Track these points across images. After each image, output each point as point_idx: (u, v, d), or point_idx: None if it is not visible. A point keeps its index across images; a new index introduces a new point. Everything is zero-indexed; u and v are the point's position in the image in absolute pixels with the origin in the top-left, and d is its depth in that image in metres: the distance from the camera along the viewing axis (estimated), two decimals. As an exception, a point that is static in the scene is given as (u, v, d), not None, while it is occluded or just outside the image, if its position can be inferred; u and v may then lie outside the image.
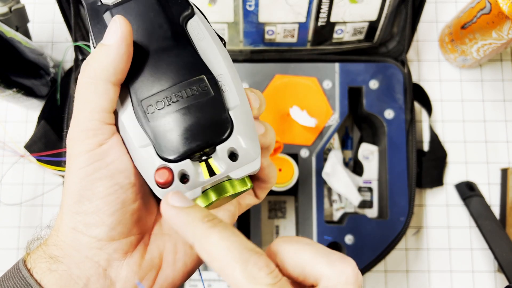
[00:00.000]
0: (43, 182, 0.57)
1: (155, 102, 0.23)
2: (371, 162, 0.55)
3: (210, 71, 0.24)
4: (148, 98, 0.23)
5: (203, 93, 0.23)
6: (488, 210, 0.54)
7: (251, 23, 0.51)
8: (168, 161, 0.22)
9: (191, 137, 0.22)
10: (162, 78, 0.23)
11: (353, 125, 0.60)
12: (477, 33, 0.51)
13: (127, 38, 0.22)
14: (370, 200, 0.55)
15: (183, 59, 0.24)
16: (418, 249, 0.56)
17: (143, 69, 0.24)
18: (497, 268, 0.55)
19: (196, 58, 0.24)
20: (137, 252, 0.24)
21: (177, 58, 0.24)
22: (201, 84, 0.23)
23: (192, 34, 0.25)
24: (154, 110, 0.23)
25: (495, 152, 0.57)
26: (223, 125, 0.23)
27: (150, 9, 0.24)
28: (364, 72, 0.53)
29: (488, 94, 0.59)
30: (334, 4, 0.49)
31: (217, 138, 0.23)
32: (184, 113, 0.23)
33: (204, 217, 0.20)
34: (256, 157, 0.24)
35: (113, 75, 0.22)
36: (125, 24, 0.22)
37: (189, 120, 0.23)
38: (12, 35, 0.48)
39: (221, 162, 0.23)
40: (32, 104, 0.55)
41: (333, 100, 0.53)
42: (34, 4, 0.61)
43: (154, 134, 0.23)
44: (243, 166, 0.24)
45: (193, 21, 0.25)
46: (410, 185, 0.52)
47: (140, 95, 0.23)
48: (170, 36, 0.24)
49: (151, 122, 0.23)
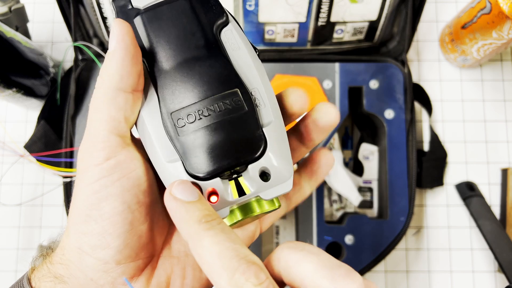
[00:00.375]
0: (43, 182, 0.57)
1: (185, 115, 0.22)
2: (371, 162, 0.55)
3: (244, 84, 0.23)
4: (179, 111, 0.22)
5: (236, 108, 0.22)
6: (489, 210, 0.54)
7: (251, 23, 0.51)
8: (197, 179, 0.21)
9: (222, 154, 0.21)
10: (194, 90, 0.22)
11: (353, 125, 0.60)
12: (478, 33, 0.51)
13: (125, 40, 0.21)
14: (370, 200, 0.55)
15: (216, 71, 0.23)
16: (418, 249, 0.56)
17: (174, 79, 0.22)
18: (497, 268, 0.55)
19: (229, 69, 0.23)
20: (144, 276, 0.23)
21: (210, 69, 0.22)
22: (235, 98, 0.22)
23: (226, 44, 0.24)
24: (185, 124, 0.22)
25: (496, 152, 0.57)
26: (256, 143, 0.22)
27: (183, 15, 0.23)
28: (364, 72, 0.53)
29: (488, 94, 0.59)
30: (334, 4, 0.49)
31: (249, 156, 0.22)
32: (216, 129, 0.21)
33: (202, 217, 0.19)
34: (289, 177, 0.23)
35: (120, 81, 0.21)
36: (122, 25, 0.21)
37: (221, 136, 0.21)
38: (11, 35, 0.48)
39: (252, 181, 0.22)
40: (31, 104, 0.55)
41: (333, 100, 0.53)
42: (33, 4, 0.61)
43: (183, 149, 0.21)
44: (275, 186, 0.22)
45: (227, 29, 0.24)
46: (410, 185, 0.52)
47: (170, 106, 0.22)
48: (203, 45, 0.23)
49: (180, 136, 0.21)
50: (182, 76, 0.22)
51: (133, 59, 0.21)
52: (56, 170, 0.51)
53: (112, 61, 0.21)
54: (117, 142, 0.21)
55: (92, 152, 0.21)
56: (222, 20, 0.24)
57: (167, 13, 0.23)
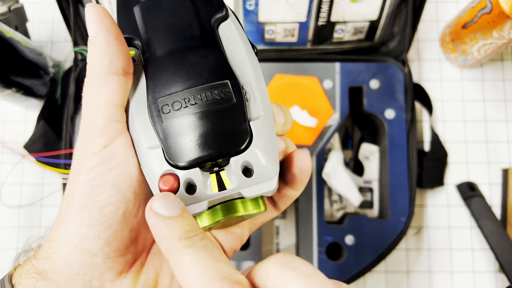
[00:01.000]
0: (43, 182, 0.57)
1: (172, 102, 0.21)
2: (372, 162, 0.55)
3: (235, 76, 0.22)
4: (166, 97, 0.21)
5: (225, 99, 0.21)
6: (489, 211, 0.53)
7: (251, 22, 0.51)
8: (175, 167, 0.20)
9: (204, 144, 0.20)
10: (184, 78, 0.22)
11: (354, 125, 0.59)
12: (478, 33, 0.51)
13: (105, 22, 0.20)
14: (371, 200, 0.55)
15: (208, 61, 0.22)
16: (419, 249, 0.55)
17: (165, 66, 0.22)
18: (498, 268, 0.54)
19: (222, 61, 0.22)
20: (132, 272, 0.22)
21: (202, 59, 0.22)
22: (224, 89, 0.21)
23: (222, 37, 0.23)
24: (169, 111, 0.21)
25: (496, 152, 0.57)
26: (240, 136, 0.21)
27: (183, 6, 0.23)
28: (365, 72, 0.53)
29: (489, 94, 0.58)
30: (334, 4, 0.49)
31: (232, 148, 0.21)
32: (201, 118, 0.21)
33: (182, 234, 0.18)
34: (273, 176, 0.21)
35: (111, 64, 0.20)
36: (97, 8, 0.21)
37: (205, 125, 0.21)
38: (11, 34, 0.48)
39: (234, 176, 0.21)
40: (31, 104, 0.55)
41: (333, 99, 0.53)
42: (33, 4, 0.61)
43: (165, 136, 0.21)
44: (258, 184, 0.21)
45: (225, 24, 0.24)
46: (410, 185, 0.51)
47: (158, 93, 0.21)
48: (199, 36, 0.23)
49: (164, 122, 0.21)
50: (173, 64, 0.22)
51: (117, 40, 0.21)
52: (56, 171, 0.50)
53: (97, 46, 0.20)
54: (115, 128, 0.21)
55: (89, 140, 0.20)
56: (221, 14, 0.24)
57: (167, 3, 0.23)
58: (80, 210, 0.20)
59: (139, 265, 0.23)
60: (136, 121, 0.21)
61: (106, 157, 0.20)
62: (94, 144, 0.20)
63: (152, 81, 0.22)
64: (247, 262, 0.50)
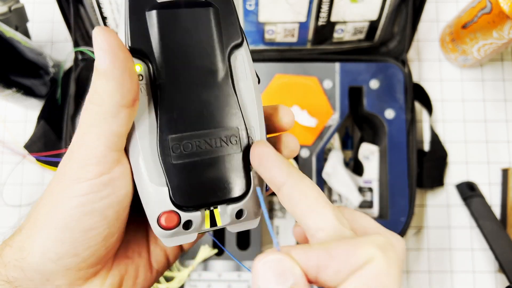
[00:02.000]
0: (43, 182, 0.57)
1: (183, 142, 0.21)
2: (372, 162, 0.55)
3: (245, 123, 0.23)
4: (177, 136, 0.21)
5: (233, 147, 0.22)
6: (489, 210, 0.53)
7: (251, 22, 0.51)
8: (178, 207, 0.21)
9: (208, 191, 0.22)
10: (197, 119, 0.22)
11: (354, 125, 0.59)
12: (478, 33, 0.51)
13: (120, 56, 0.19)
14: (371, 200, 0.55)
15: (221, 102, 0.22)
16: (419, 249, 0.56)
17: (180, 101, 0.22)
18: (497, 268, 0.54)
19: (234, 104, 0.22)
20: (99, 278, 0.23)
21: (216, 99, 0.22)
22: (234, 137, 0.22)
23: (234, 70, 0.23)
24: (180, 151, 0.21)
25: (496, 152, 0.57)
26: (244, 185, 0.22)
27: (202, 27, 0.22)
28: (365, 72, 0.53)
29: (489, 94, 0.58)
30: (334, 4, 0.49)
31: (233, 197, 0.22)
32: (210, 164, 0.22)
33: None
34: (258, 216, 0.24)
35: (122, 99, 0.20)
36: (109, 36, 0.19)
37: (213, 172, 0.22)
38: (11, 34, 0.48)
39: (226, 217, 0.22)
40: (31, 103, 0.55)
41: (333, 100, 0.53)
42: (33, 4, 0.61)
43: (173, 177, 0.21)
44: (244, 222, 0.23)
45: (239, 53, 0.23)
46: (410, 185, 0.51)
47: (169, 129, 0.21)
48: (215, 70, 0.22)
49: (173, 162, 0.21)
50: (188, 101, 0.22)
51: (131, 74, 0.20)
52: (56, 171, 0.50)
53: (110, 81, 0.19)
54: (114, 158, 0.21)
55: (85, 165, 0.20)
56: (237, 42, 0.23)
57: (186, 18, 0.22)
58: (64, 230, 0.20)
59: (106, 270, 0.23)
60: (141, 153, 0.21)
61: (100, 187, 0.20)
62: (90, 170, 0.20)
63: (164, 114, 0.21)
64: (247, 262, 0.50)
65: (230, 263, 0.50)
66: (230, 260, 0.50)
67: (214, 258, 0.50)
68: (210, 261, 0.50)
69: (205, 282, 0.49)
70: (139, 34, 0.21)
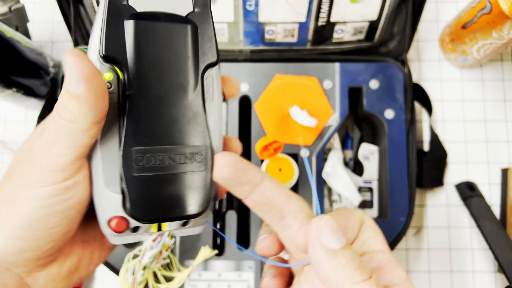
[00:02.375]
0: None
1: (146, 155, 0.21)
2: (371, 162, 0.55)
3: (210, 143, 0.23)
4: (141, 149, 0.21)
5: (197, 166, 0.22)
6: (489, 210, 0.54)
7: (251, 22, 0.51)
8: (133, 218, 0.22)
9: (165, 206, 0.22)
10: (164, 133, 0.22)
11: (353, 125, 0.60)
12: (478, 33, 0.51)
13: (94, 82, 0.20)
14: (370, 200, 0.55)
15: (190, 119, 0.22)
16: (419, 249, 0.56)
17: (148, 114, 0.21)
18: (497, 268, 0.55)
19: (202, 123, 0.22)
20: (58, 262, 0.24)
21: (184, 115, 0.22)
22: (198, 156, 0.22)
23: (206, 89, 0.23)
24: (143, 164, 0.21)
25: (496, 152, 0.57)
26: (201, 205, 0.22)
27: (179, 42, 0.22)
28: (365, 72, 0.53)
29: (488, 94, 0.59)
30: (334, 4, 0.49)
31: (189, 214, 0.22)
32: (170, 180, 0.22)
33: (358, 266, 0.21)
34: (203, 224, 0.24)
35: (94, 118, 0.20)
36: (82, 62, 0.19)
37: (172, 189, 0.22)
38: (11, 34, 0.48)
39: (173, 225, 0.23)
40: (31, 103, 0.55)
41: (333, 100, 0.53)
42: (33, 4, 0.61)
43: (131, 187, 0.21)
44: (189, 229, 0.24)
45: (210, 73, 0.23)
46: (410, 185, 0.51)
47: (134, 141, 0.21)
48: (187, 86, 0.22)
49: (134, 174, 0.21)
50: (156, 114, 0.21)
51: (104, 96, 0.20)
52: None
53: (85, 104, 0.20)
54: (79, 165, 0.21)
55: (50, 171, 0.21)
56: (212, 61, 0.23)
57: (164, 32, 0.22)
58: (26, 229, 0.21)
59: (64, 255, 0.24)
60: (101, 161, 0.21)
61: (64, 190, 0.21)
62: (55, 176, 0.21)
63: (130, 125, 0.21)
64: (247, 262, 0.50)
65: (230, 263, 0.50)
66: (230, 260, 0.50)
67: (214, 258, 0.50)
68: (210, 261, 0.50)
69: (205, 282, 0.49)
70: (114, 42, 0.21)
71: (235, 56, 0.55)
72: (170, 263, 0.50)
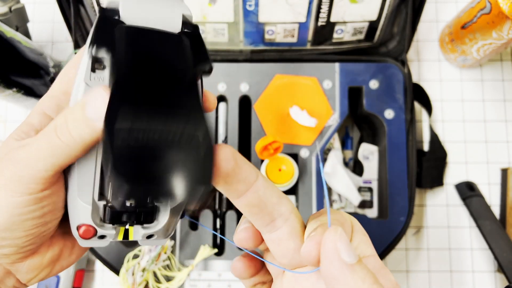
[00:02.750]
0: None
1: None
2: (371, 162, 0.55)
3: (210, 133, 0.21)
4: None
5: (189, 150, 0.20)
6: (488, 210, 0.54)
7: (251, 23, 0.51)
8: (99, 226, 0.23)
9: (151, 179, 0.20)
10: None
11: (353, 125, 0.60)
12: (477, 33, 0.51)
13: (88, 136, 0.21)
14: (370, 200, 0.55)
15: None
16: (418, 249, 0.56)
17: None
18: (497, 268, 0.55)
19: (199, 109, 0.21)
20: (39, 254, 0.25)
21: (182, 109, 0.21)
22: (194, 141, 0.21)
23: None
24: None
25: (495, 152, 0.57)
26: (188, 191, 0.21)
27: (172, 50, 0.21)
28: (364, 72, 0.53)
29: (488, 94, 0.59)
30: (334, 4, 0.49)
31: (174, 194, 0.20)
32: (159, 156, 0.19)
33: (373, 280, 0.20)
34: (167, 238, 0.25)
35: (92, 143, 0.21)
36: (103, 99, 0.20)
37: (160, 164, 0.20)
38: (12, 34, 0.48)
39: (138, 235, 0.24)
40: (32, 104, 0.55)
41: (333, 100, 0.53)
42: (34, 4, 0.61)
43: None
44: (153, 241, 0.25)
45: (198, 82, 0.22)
46: (410, 185, 0.52)
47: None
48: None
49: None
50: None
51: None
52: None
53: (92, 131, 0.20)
54: (57, 177, 0.22)
55: (30, 183, 0.21)
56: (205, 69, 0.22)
57: (155, 40, 0.21)
58: (5, 231, 0.22)
59: (45, 247, 0.26)
60: (76, 171, 0.22)
61: (40, 199, 0.22)
62: (33, 187, 0.22)
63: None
64: (247, 262, 0.50)
65: (230, 262, 0.50)
66: (230, 260, 0.50)
67: (214, 258, 0.50)
68: (210, 261, 0.50)
69: (205, 281, 0.50)
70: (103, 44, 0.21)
71: (235, 56, 0.55)
72: (170, 262, 0.50)
